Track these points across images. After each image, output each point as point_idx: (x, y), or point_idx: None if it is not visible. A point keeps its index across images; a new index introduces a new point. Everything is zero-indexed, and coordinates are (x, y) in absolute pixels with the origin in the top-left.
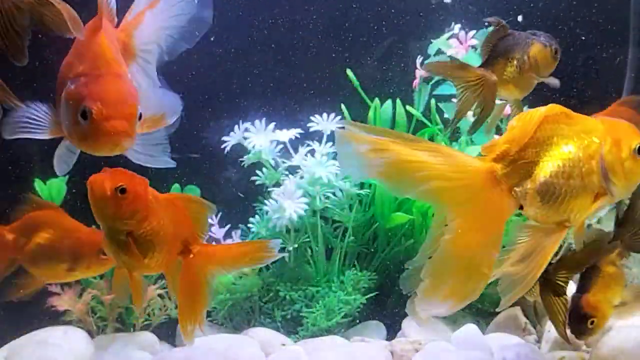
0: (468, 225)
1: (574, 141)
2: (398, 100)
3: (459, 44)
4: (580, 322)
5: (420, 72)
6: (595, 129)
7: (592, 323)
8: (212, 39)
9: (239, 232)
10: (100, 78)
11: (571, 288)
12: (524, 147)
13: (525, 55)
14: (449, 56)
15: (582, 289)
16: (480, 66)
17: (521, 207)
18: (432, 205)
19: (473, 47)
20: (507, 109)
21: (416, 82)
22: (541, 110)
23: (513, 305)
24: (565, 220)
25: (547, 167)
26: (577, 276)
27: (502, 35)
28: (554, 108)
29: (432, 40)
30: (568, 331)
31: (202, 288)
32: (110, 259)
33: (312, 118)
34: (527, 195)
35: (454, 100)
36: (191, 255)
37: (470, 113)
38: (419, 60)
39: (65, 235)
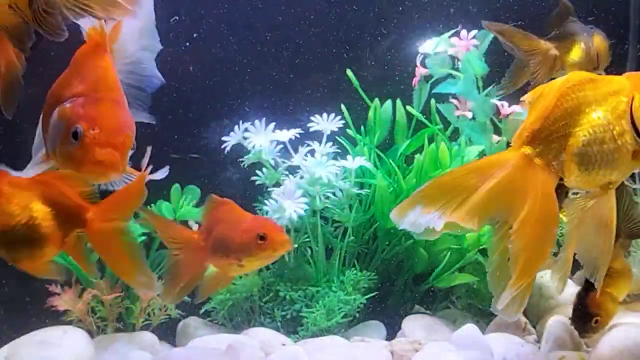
0: (527, 215)
1: (601, 105)
2: (398, 100)
3: (460, 43)
4: (585, 320)
5: (420, 70)
6: (621, 88)
7: (596, 322)
8: (212, 39)
9: None
10: (99, 102)
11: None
12: (552, 122)
13: (590, 42)
14: (450, 55)
15: (589, 285)
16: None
17: (562, 179)
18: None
19: (475, 46)
20: (506, 109)
21: (416, 80)
22: (558, 82)
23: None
24: (608, 183)
25: (579, 137)
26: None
27: (566, 19)
28: (574, 76)
29: (432, 38)
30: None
31: (122, 248)
32: (270, 242)
33: (312, 118)
34: (565, 167)
35: (452, 100)
36: (88, 225)
37: (469, 113)
38: (419, 58)
39: (232, 229)
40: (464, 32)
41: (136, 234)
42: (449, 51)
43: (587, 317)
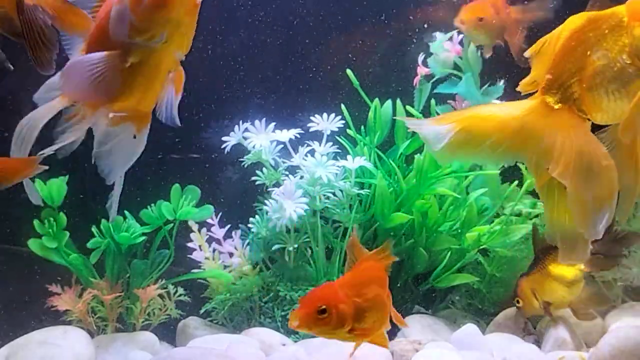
0: (565, 156)
1: (601, 45)
2: (398, 100)
3: (451, 46)
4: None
5: (422, 70)
6: (619, 22)
7: (518, 302)
8: (212, 38)
9: (239, 232)
10: None
11: None
12: (562, 70)
13: None
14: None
15: (527, 269)
16: None
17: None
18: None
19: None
20: None
21: (417, 79)
22: (559, 29)
23: (513, 305)
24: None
25: (585, 82)
26: None
27: None
28: (574, 20)
29: (429, 44)
30: None
31: None
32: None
33: (312, 118)
34: (585, 109)
35: (449, 102)
36: None
37: None
38: (421, 57)
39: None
40: (454, 36)
41: (136, 233)
42: (441, 55)
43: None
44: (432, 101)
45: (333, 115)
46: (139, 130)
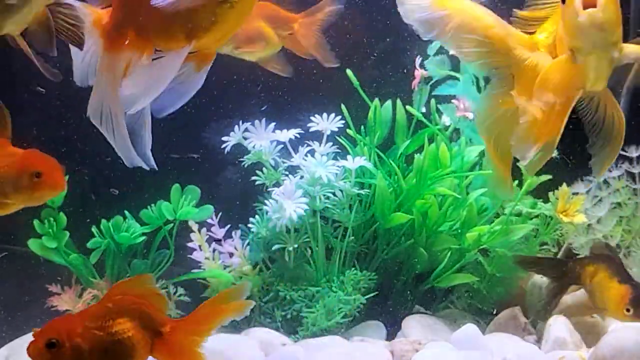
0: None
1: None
2: (398, 101)
3: None
4: None
5: (420, 72)
6: None
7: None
8: None
9: (238, 232)
10: None
11: None
12: (553, 23)
13: None
14: (451, 55)
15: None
16: None
17: None
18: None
19: None
20: None
21: (415, 82)
22: None
23: (513, 305)
24: None
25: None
26: None
27: None
28: None
29: (433, 41)
30: None
31: None
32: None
33: (312, 118)
34: None
35: (453, 101)
36: None
37: (470, 114)
38: (418, 60)
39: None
40: None
41: (136, 233)
42: (451, 51)
43: None
44: (433, 101)
45: (333, 115)
46: (200, 68)
